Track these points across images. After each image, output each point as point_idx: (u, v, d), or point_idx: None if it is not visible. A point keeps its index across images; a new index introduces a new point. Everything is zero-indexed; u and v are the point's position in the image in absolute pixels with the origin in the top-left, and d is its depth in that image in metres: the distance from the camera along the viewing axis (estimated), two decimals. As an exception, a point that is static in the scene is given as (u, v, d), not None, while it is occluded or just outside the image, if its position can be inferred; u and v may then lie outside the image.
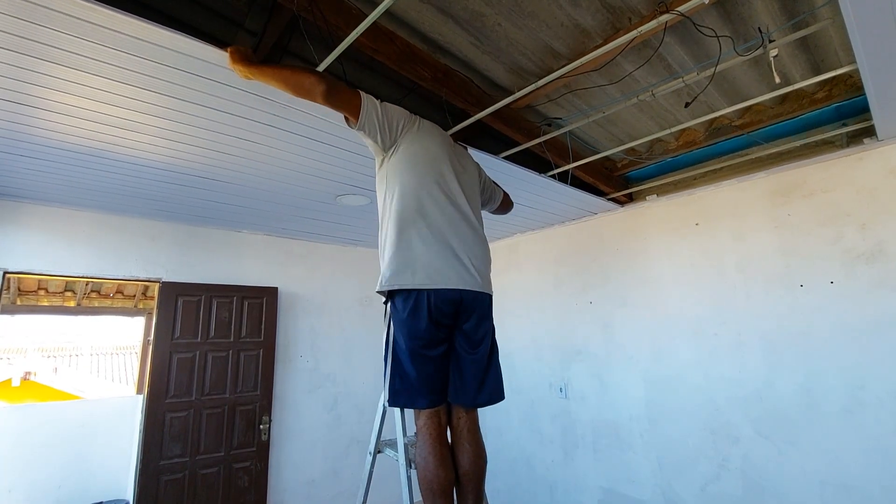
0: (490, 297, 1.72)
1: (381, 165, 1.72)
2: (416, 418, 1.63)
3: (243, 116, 2.14)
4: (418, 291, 1.52)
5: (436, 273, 1.54)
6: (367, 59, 2.18)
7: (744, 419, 2.87)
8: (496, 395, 1.69)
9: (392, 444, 1.86)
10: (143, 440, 3.29)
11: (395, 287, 1.53)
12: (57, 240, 3.23)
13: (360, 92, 1.58)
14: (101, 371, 10.63)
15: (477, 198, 1.87)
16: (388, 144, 1.65)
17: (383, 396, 1.64)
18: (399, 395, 1.56)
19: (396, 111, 1.69)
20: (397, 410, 1.76)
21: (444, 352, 1.61)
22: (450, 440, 1.68)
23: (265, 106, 2.05)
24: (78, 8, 1.40)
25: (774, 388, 2.76)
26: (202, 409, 3.50)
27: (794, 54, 2.19)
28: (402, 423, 1.76)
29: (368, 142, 1.69)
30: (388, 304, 1.61)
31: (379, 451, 1.87)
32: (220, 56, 1.71)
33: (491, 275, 1.80)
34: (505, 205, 2.19)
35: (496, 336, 1.78)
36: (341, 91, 1.54)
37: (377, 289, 1.59)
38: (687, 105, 2.04)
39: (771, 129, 2.76)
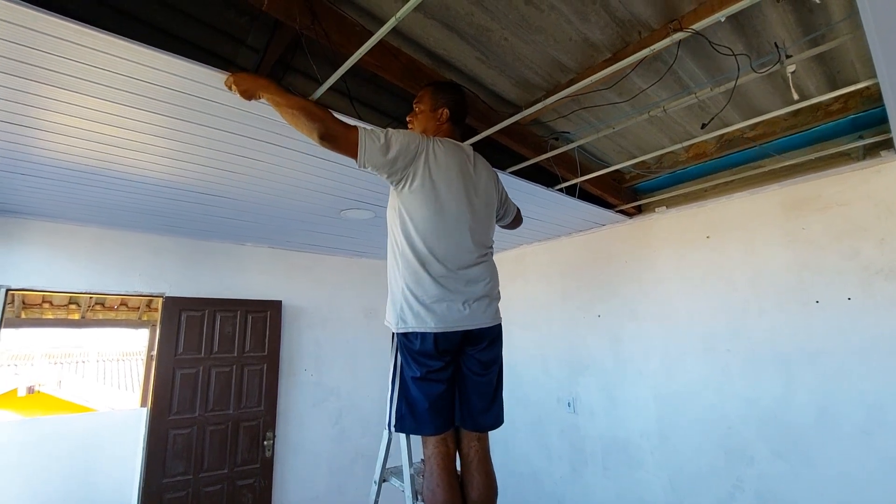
0: (499, 325, 1.69)
1: (393, 196, 1.64)
2: (424, 446, 1.60)
3: (245, 135, 2.10)
4: (424, 333, 1.52)
5: (448, 315, 1.52)
6: (370, 74, 2.14)
7: (758, 438, 2.79)
8: (500, 419, 1.69)
9: (398, 473, 1.80)
10: (146, 458, 3.25)
11: (409, 331, 1.53)
12: (59, 256, 3.21)
13: (358, 128, 1.47)
14: (107, 377, 10.61)
15: (492, 218, 1.79)
16: (396, 178, 1.54)
17: (387, 421, 1.61)
18: (405, 421, 1.55)
19: (404, 140, 1.53)
20: (403, 437, 1.71)
21: (451, 375, 1.60)
22: (458, 468, 1.64)
23: (267, 125, 2.02)
24: (74, 33, 1.38)
25: (790, 406, 2.69)
26: (206, 425, 3.46)
27: (809, 66, 2.13)
28: (409, 451, 1.70)
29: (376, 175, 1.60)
30: (396, 335, 1.59)
31: (384, 480, 1.81)
32: (219, 78, 1.67)
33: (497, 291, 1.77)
34: (516, 221, 2.13)
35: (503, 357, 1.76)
36: (336, 135, 1.45)
37: (391, 328, 1.58)
38: (703, 126, 1.98)
39: (784, 140, 2.70)
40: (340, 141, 1.45)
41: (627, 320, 3.55)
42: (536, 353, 4.20)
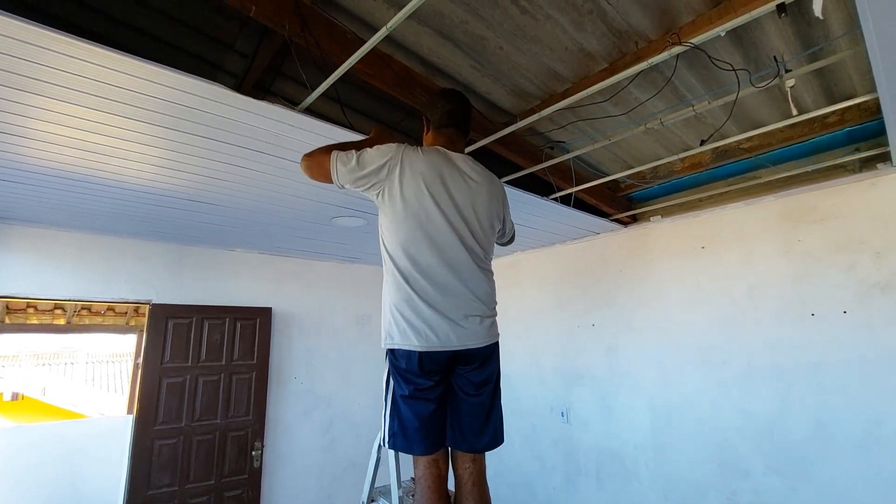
0: (494, 344, 1.61)
1: (378, 210, 1.61)
2: (415, 467, 1.55)
3: (234, 144, 2.05)
4: (410, 351, 1.47)
5: (433, 335, 1.46)
6: (362, 81, 2.10)
7: (754, 452, 2.76)
8: (497, 440, 1.61)
9: (386, 493, 1.75)
10: (131, 469, 3.17)
11: (395, 348, 1.50)
12: (44, 262, 3.13)
13: (333, 152, 1.54)
14: (96, 378, 10.42)
15: (490, 232, 1.67)
16: (373, 192, 1.55)
17: (379, 437, 1.57)
18: (397, 439, 1.50)
19: (375, 156, 1.51)
20: (391, 456, 1.67)
21: (442, 394, 1.54)
22: (452, 490, 1.59)
23: (255, 133, 1.97)
24: (59, 43, 1.34)
25: (786, 420, 2.66)
26: (192, 435, 3.38)
27: (806, 79, 2.11)
28: (397, 471, 1.66)
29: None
30: (386, 351, 1.55)
31: (372, 500, 1.76)
32: (206, 88, 1.62)
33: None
34: (510, 241, 2.05)
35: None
36: (312, 164, 1.58)
37: (382, 345, 1.56)
38: (703, 142, 1.95)
39: (780, 152, 2.68)
40: (315, 168, 1.57)
41: (623, 330, 3.51)
42: (531, 361, 4.16)
